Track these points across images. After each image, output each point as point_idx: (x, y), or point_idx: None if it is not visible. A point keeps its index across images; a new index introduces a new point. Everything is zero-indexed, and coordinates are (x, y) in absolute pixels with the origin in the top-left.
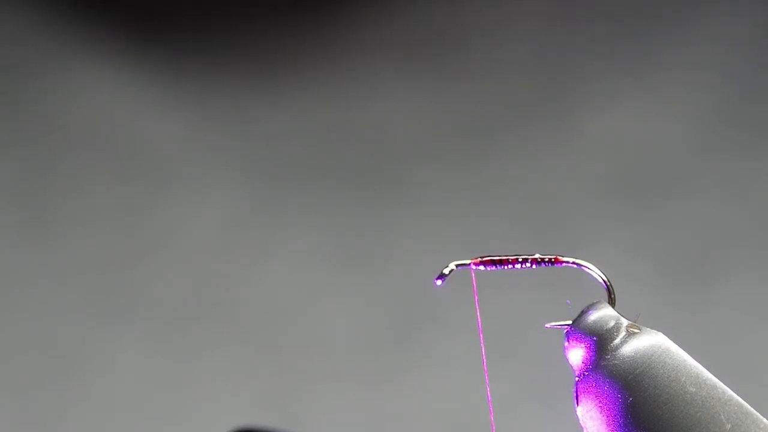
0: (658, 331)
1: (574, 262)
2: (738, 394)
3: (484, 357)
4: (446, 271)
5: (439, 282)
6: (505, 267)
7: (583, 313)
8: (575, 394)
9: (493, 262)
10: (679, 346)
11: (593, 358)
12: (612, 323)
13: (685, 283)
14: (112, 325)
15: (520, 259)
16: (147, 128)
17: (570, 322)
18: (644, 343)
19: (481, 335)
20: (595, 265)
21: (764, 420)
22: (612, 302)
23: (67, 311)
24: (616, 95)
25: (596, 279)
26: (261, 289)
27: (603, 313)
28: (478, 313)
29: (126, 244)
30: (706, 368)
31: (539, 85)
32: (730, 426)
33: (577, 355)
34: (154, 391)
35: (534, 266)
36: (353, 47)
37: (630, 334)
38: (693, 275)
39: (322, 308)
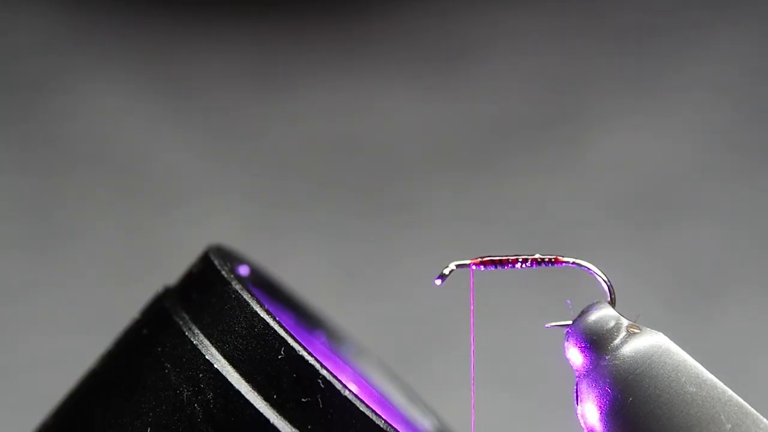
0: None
1: (574, 262)
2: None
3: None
4: (446, 271)
5: (438, 282)
6: (505, 267)
7: (584, 313)
8: (575, 394)
9: (493, 263)
10: None
11: (593, 358)
12: (612, 323)
13: (692, 303)
14: None
15: (520, 259)
16: (155, 146)
17: (570, 322)
18: (644, 343)
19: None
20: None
21: (764, 420)
22: (612, 302)
23: (74, 329)
24: (626, 115)
25: (597, 279)
26: None
27: (603, 313)
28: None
29: (133, 262)
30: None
31: (549, 103)
32: (730, 426)
33: (577, 354)
34: None
35: (534, 266)
36: (363, 62)
37: (630, 334)
38: (700, 295)
39: None
